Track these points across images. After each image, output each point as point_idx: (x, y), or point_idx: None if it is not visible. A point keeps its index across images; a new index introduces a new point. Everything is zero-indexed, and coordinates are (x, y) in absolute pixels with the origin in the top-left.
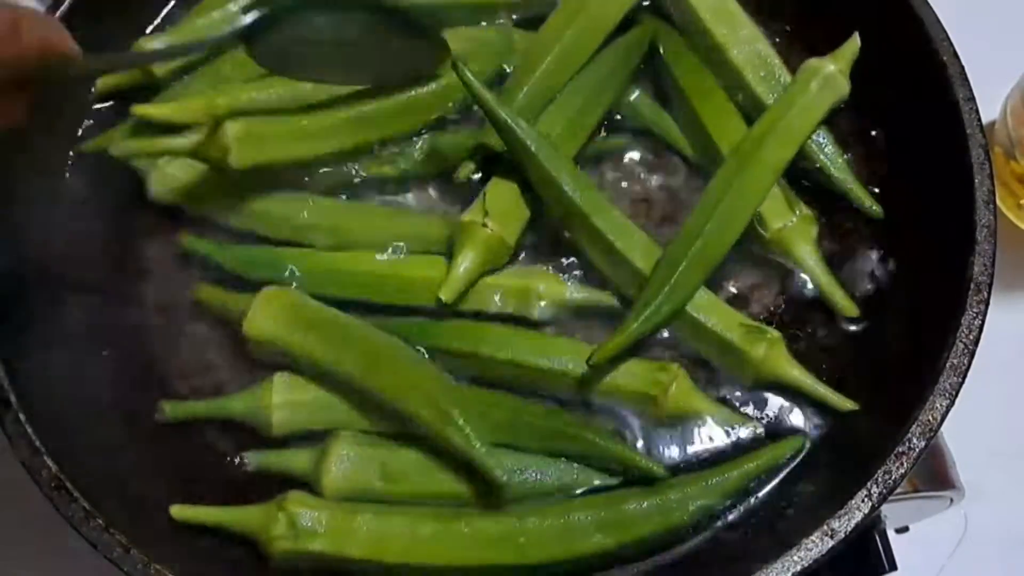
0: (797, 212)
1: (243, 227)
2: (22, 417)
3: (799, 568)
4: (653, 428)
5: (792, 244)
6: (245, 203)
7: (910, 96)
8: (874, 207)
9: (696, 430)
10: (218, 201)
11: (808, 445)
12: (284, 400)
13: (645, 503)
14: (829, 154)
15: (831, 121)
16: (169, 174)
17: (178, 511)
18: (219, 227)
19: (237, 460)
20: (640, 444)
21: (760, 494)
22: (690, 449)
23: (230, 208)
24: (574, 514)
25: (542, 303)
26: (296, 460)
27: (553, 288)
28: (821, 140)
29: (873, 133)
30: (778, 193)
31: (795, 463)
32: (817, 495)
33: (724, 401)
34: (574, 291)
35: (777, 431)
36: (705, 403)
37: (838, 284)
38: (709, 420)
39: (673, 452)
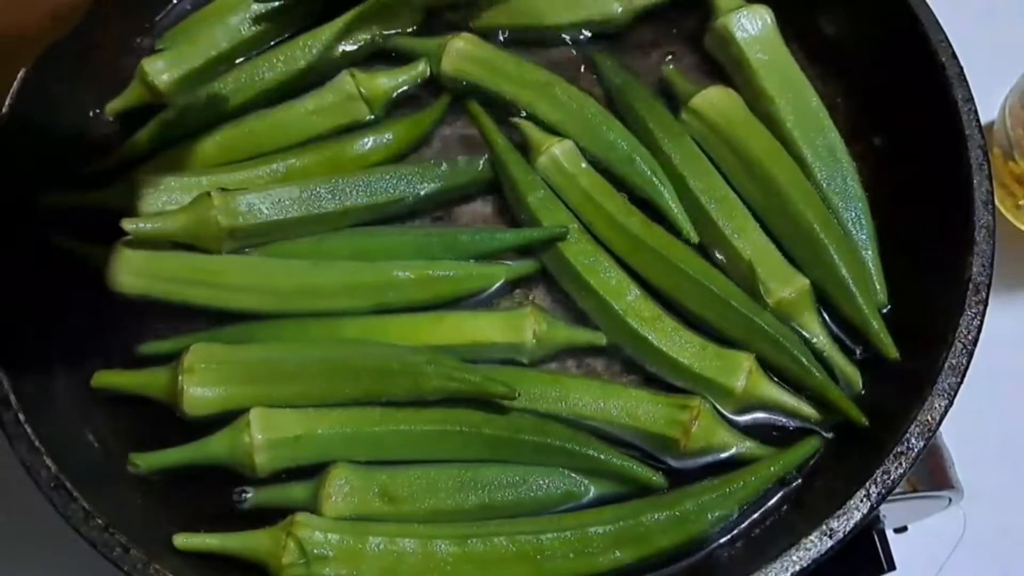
0: (795, 281)
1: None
2: (21, 417)
3: (798, 568)
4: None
5: (796, 313)
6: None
7: (909, 97)
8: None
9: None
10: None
11: (821, 447)
12: (265, 440)
13: (662, 514)
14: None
15: (832, 118)
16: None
17: (182, 540)
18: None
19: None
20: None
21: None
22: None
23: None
24: (590, 528)
25: (536, 344)
26: (294, 492)
27: (546, 330)
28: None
29: (872, 134)
30: (779, 261)
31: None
32: (816, 495)
33: None
34: (567, 331)
35: (784, 432)
36: (730, 437)
37: (842, 353)
38: (733, 452)
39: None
